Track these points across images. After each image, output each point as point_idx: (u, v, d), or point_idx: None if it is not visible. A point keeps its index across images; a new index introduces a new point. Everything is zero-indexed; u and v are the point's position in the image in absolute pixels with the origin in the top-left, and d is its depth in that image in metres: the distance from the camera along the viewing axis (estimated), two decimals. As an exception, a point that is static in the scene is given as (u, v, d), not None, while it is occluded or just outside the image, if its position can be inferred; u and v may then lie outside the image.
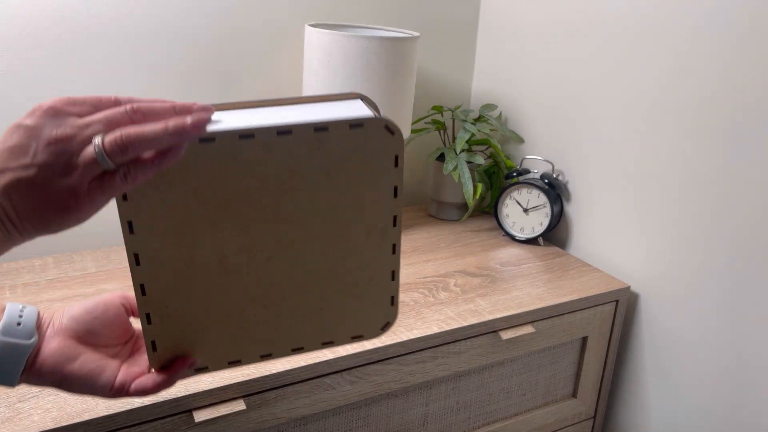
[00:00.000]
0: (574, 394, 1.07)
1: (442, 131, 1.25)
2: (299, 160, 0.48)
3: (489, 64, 1.32)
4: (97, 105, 0.44)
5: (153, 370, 0.54)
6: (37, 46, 0.94)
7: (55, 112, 0.42)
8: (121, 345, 0.56)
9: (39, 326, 0.52)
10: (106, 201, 0.43)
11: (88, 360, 0.52)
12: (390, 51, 0.99)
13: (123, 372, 0.54)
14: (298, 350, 0.57)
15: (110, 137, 0.41)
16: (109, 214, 1.07)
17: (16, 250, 1.01)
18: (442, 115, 1.27)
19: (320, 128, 0.47)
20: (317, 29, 1.00)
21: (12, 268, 0.94)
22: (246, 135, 0.46)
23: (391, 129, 0.50)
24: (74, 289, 0.89)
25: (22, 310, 0.51)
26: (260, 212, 0.49)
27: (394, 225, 0.53)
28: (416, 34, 1.06)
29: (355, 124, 0.48)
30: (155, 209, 0.47)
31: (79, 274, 0.93)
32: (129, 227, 0.47)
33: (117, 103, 0.45)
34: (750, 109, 0.86)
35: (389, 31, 1.12)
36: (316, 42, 1.00)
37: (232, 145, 0.46)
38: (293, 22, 1.13)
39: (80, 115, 0.43)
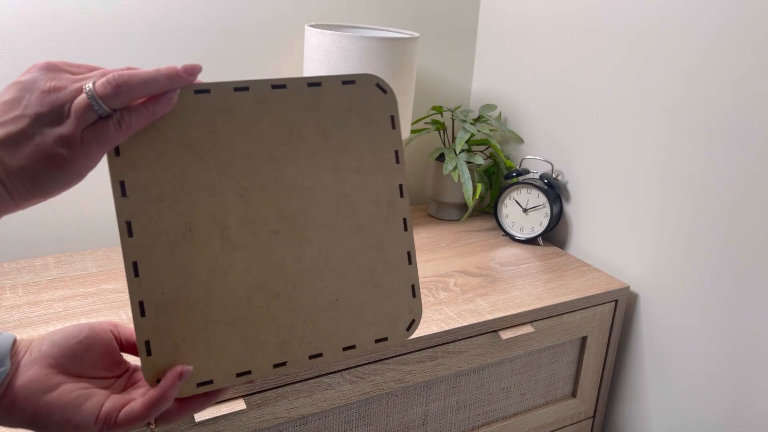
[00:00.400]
0: (574, 394, 1.07)
1: (441, 131, 1.26)
2: (295, 117, 0.48)
3: (489, 65, 1.32)
4: (93, 69, 0.43)
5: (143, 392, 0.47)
6: (37, 46, 0.95)
7: (51, 67, 0.41)
8: (111, 378, 0.48)
9: (14, 354, 0.45)
10: (100, 153, 0.41)
11: (69, 389, 0.44)
12: (390, 51, 1.00)
13: (111, 400, 0.45)
14: (316, 357, 0.50)
15: (102, 80, 0.40)
16: (108, 214, 1.07)
17: (17, 250, 1.01)
18: (442, 116, 1.27)
19: (313, 83, 0.48)
20: (317, 30, 1.01)
21: (13, 268, 0.94)
22: (241, 87, 0.46)
23: (382, 87, 0.50)
24: (75, 289, 0.89)
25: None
26: (260, 178, 0.47)
27: (402, 195, 0.52)
28: (416, 34, 1.06)
29: (347, 80, 0.49)
30: (149, 168, 0.44)
31: (79, 274, 0.93)
32: (121, 189, 0.43)
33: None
34: (749, 110, 0.86)
35: (389, 31, 1.13)
36: (316, 42, 1.01)
37: (227, 98, 0.46)
38: (293, 23, 1.13)
39: (75, 75, 0.42)
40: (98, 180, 1.06)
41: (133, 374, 0.50)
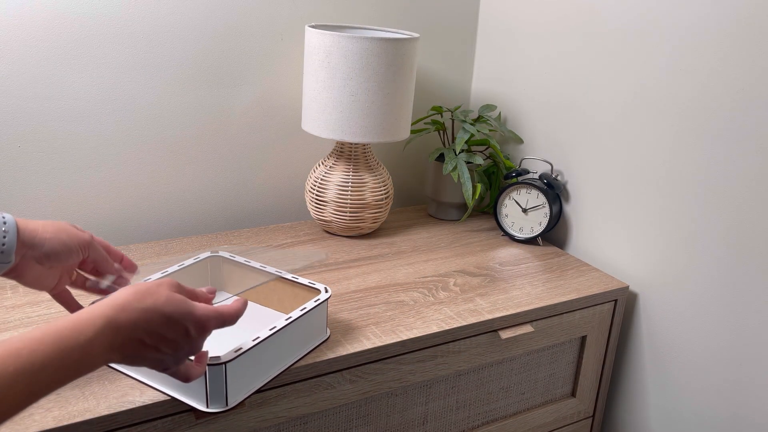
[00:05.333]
0: (573, 393, 1.07)
1: (441, 132, 1.26)
2: None
3: (488, 65, 1.32)
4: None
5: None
6: (37, 46, 0.95)
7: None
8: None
9: (18, 248, 0.60)
10: None
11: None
12: (390, 51, 1.00)
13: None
14: None
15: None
16: (109, 214, 1.07)
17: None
18: (442, 116, 1.28)
19: None
20: (317, 30, 1.01)
21: (13, 267, 0.94)
22: None
23: None
24: (75, 289, 0.89)
25: (4, 236, 0.59)
26: None
27: None
28: (416, 34, 1.07)
29: None
30: None
31: (80, 273, 0.93)
32: None
33: None
34: (748, 110, 0.87)
35: (389, 31, 1.13)
36: (316, 43, 1.01)
37: None
38: (293, 23, 1.13)
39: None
40: (98, 180, 1.06)
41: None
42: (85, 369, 0.50)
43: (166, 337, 0.55)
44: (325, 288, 0.80)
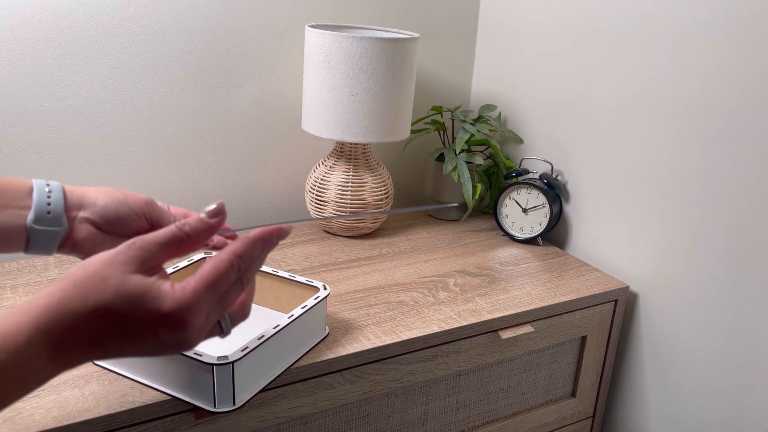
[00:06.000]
0: (573, 394, 1.07)
1: (441, 132, 1.26)
2: None
3: (488, 65, 1.32)
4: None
5: None
6: (37, 46, 0.95)
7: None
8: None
9: (67, 210, 0.54)
10: None
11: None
12: (390, 51, 1.00)
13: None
14: None
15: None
16: (109, 214, 1.07)
17: (17, 250, 1.01)
18: (442, 116, 1.27)
19: None
20: (317, 30, 1.01)
21: (13, 267, 0.94)
22: None
23: None
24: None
25: (49, 196, 0.53)
26: None
27: None
28: (416, 34, 1.07)
29: None
30: None
31: (79, 273, 0.93)
32: None
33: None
34: (748, 110, 0.87)
35: (389, 31, 1.13)
36: (316, 42, 1.01)
37: None
38: (293, 23, 1.13)
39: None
40: (98, 180, 1.06)
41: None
42: (27, 386, 0.40)
43: (129, 340, 0.42)
44: (324, 285, 0.80)
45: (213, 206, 0.49)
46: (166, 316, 0.42)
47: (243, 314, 0.53)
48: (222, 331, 0.50)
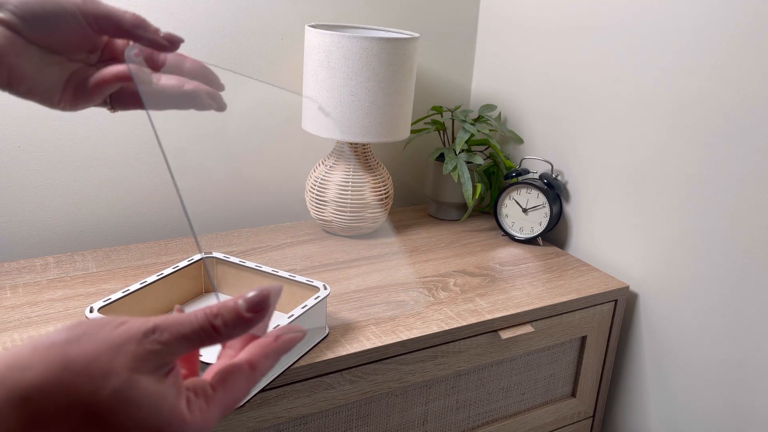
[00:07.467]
0: (573, 394, 1.07)
1: (441, 131, 1.26)
2: None
3: (488, 65, 1.32)
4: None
5: None
6: (38, 46, 0.95)
7: None
8: (83, 52, 0.46)
9: None
10: None
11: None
12: (390, 51, 1.00)
13: None
14: None
15: None
16: (109, 214, 1.07)
17: (17, 250, 1.01)
18: (442, 116, 1.27)
19: None
20: (317, 30, 1.01)
21: (13, 267, 0.94)
22: None
23: None
24: (75, 289, 0.89)
25: None
26: None
27: None
28: (416, 34, 1.07)
29: None
30: None
31: (80, 273, 0.94)
32: None
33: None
34: (748, 109, 0.87)
35: (389, 31, 1.13)
36: (316, 42, 1.01)
37: None
38: (293, 23, 1.13)
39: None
40: (98, 180, 1.06)
41: (108, 48, 0.47)
42: None
43: None
44: (324, 285, 0.80)
45: (253, 293, 0.35)
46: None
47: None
48: None
